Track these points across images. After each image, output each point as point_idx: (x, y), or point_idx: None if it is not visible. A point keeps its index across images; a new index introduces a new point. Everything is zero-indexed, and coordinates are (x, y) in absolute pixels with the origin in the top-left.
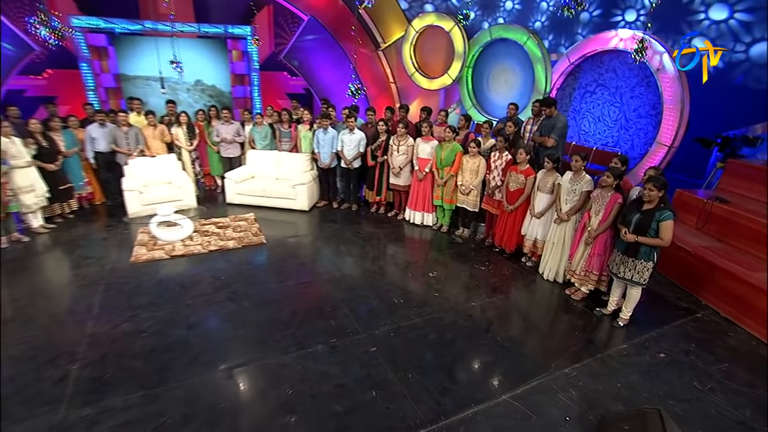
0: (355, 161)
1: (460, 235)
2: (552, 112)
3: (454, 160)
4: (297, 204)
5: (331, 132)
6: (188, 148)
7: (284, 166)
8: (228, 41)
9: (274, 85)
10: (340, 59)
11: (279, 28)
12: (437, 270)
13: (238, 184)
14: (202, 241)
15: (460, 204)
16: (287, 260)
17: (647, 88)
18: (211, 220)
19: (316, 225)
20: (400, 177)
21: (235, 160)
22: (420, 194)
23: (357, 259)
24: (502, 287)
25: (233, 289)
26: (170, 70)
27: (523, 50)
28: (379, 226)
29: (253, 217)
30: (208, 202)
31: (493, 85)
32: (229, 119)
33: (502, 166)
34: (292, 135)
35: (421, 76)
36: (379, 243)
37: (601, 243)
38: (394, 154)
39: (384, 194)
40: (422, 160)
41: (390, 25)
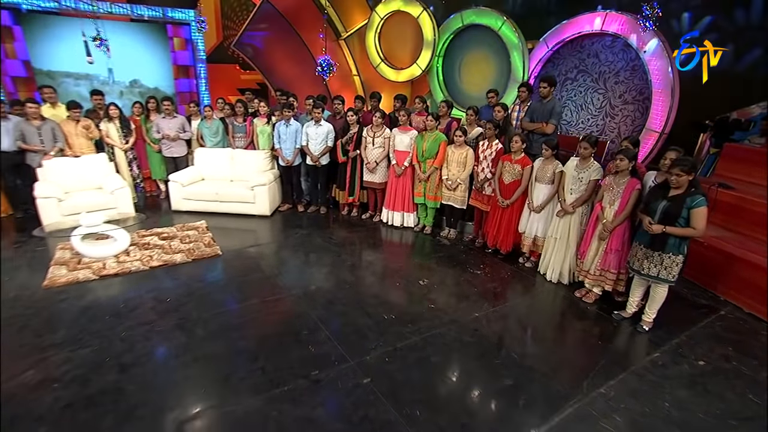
0: (323, 157)
1: (447, 236)
2: (550, 93)
3: (438, 151)
4: (256, 208)
5: (294, 125)
6: (122, 147)
7: (240, 165)
8: (168, 27)
9: (224, 79)
10: (299, 50)
11: (227, 19)
12: (427, 277)
13: (186, 187)
14: (141, 255)
15: (446, 201)
16: (248, 274)
17: (633, 73)
18: (153, 230)
19: (279, 232)
20: (376, 173)
21: (181, 160)
22: (399, 192)
23: (332, 269)
24: (503, 293)
25: (182, 314)
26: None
27: (497, 36)
28: (353, 230)
29: (205, 226)
30: (150, 210)
31: (465, 75)
32: (171, 112)
33: (492, 156)
34: (247, 130)
35: (388, 67)
36: (355, 249)
37: (618, 237)
38: (368, 148)
39: (357, 194)
40: (400, 153)
41: (352, 12)
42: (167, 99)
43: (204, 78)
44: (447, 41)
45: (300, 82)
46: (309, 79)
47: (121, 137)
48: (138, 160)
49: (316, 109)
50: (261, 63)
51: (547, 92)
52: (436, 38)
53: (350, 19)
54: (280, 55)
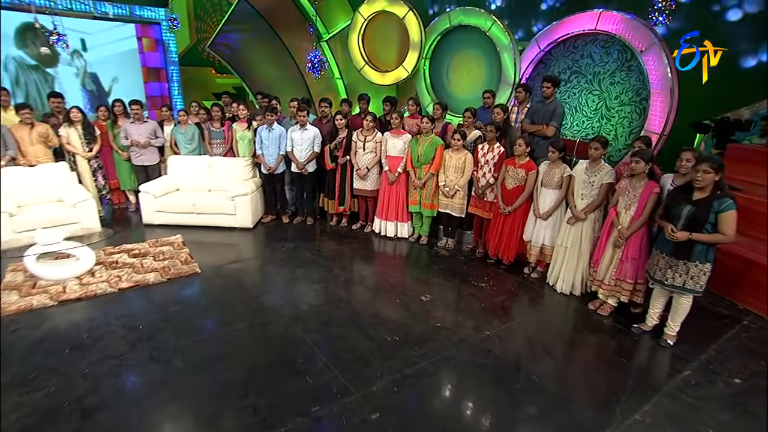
0: (310, 164)
1: (444, 246)
2: (553, 94)
3: (434, 156)
4: (237, 220)
5: (277, 129)
6: (86, 155)
7: (218, 173)
8: (136, 26)
9: (198, 83)
10: (279, 52)
11: (200, 20)
12: (429, 292)
13: (159, 199)
14: (108, 276)
15: (443, 209)
16: (232, 294)
17: (629, 73)
18: (122, 247)
19: (264, 245)
20: (367, 180)
21: (153, 168)
22: (392, 200)
23: (324, 286)
24: (512, 308)
25: (157, 343)
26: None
27: (487, 37)
28: (343, 243)
29: (181, 240)
30: (118, 224)
31: (453, 77)
32: (141, 116)
33: (494, 160)
34: (225, 135)
35: (372, 69)
36: (347, 263)
37: (635, 244)
38: (358, 153)
39: (348, 203)
40: (393, 158)
41: (333, 12)
42: (135, 102)
43: (177, 81)
44: (434, 42)
45: (281, 85)
46: (290, 82)
47: (84, 144)
48: (104, 170)
49: (300, 112)
50: (238, 65)
51: (550, 93)
52: (422, 39)
53: (332, 21)
54: (259, 57)
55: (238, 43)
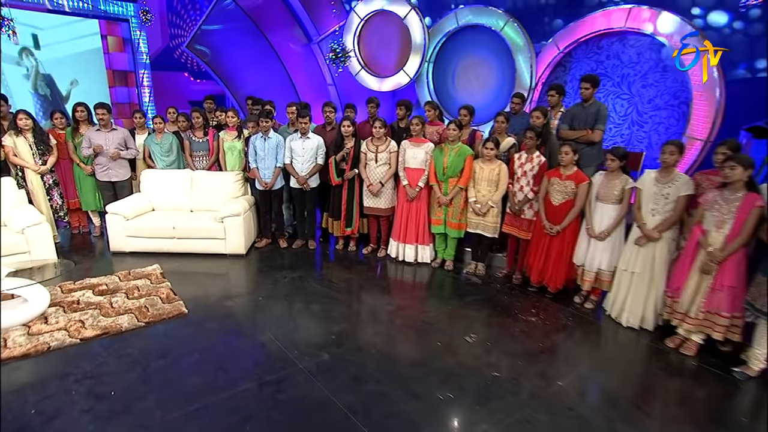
0: (312, 179)
1: (474, 272)
2: (592, 95)
3: (463, 167)
4: (228, 246)
5: (274, 138)
6: (38, 170)
7: (203, 190)
8: (101, 23)
9: (171, 89)
10: (265, 54)
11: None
12: (472, 330)
13: (130, 221)
14: (67, 321)
15: (473, 229)
16: (231, 341)
17: (664, 74)
18: (85, 281)
19: (262, 276)
20: (381, 197)
21: (122, 185)
22: (411, 220)
23: (344, 326)
24: (577, 348)
25: (138, 417)
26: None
27: (499, 38)
28: (355, 270)
29: (159, 272)
30: (79, 253)
31: (461, 82)
32: (108, 122)
33: (533, 171)
34: (209, 146)
35: (369, 74)
36: (366, 295)
37: (731, 270)
38: (369, 166)
39: (356, 224)
40: (413, 171)
41: (325, 12)
42: (102, 105)
43: (148, 86)
44: (439, 44)
45: (267, 91)
46: (277, 88)
47: (36, 156)
48: (61, 186)
49: (302, 118)
50: (219, 68)
51: (589, 94)
52: (426, 41)
53: (324, 21)
54: (243, 60)
55: (219, 44)
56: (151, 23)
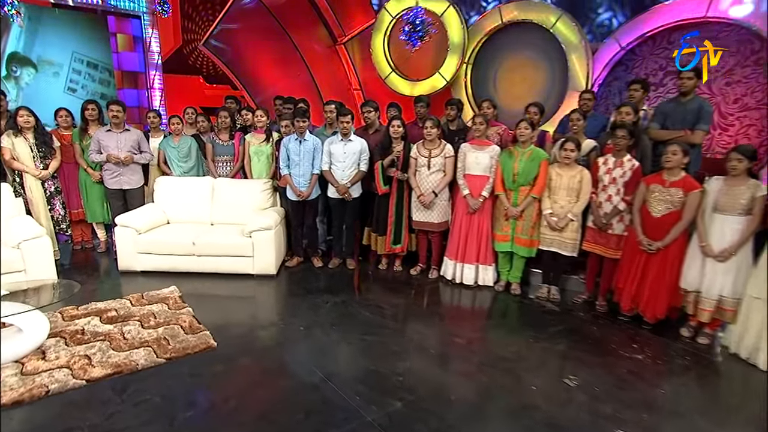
0: (354, 187)
1: (548, 297)
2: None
3: (537, 174)
4: (256, 265)
5: (310, 141)
6: (38, 175)
7: (226, 201)
8: (110, 20)
9: (183, 93)
10: (288, 55)
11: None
12: (569, 371)
13: (143, 235)
14: (70, 357)
15: (547, 247)
16: (273, 383)
17: (755, 68)
18: (91, 306)
19: (297, 300)
20: (433, 210)
21: (134, 194)
22: (471, 235)
23: (410, 365)
24: (712, 400)
25: None
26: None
27: (549, 36)
28: (404, 294)
29: (178, 295)
30: (82, 272)
31: (503, 85)
32: (121, 122)
33: (625, 177)
34: (235, 150)
35: (400, 78)
36: (424, 325)
37: None
38: (421, 173)
39: (405, 240)
40: (475, 178)
41: (352, 10)
42: (116, 102)
43: (160, 89)
44: (480, 44)
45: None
46: (300, 91)
47: (38, 159)
48: (65, 195)
49: (343, 117)
50: (237, 68)
51: (692, 86)
52: (465, 41)
53: (351, 20)
54: (264, 60)
55: (238, 43)
56: (167, 14)
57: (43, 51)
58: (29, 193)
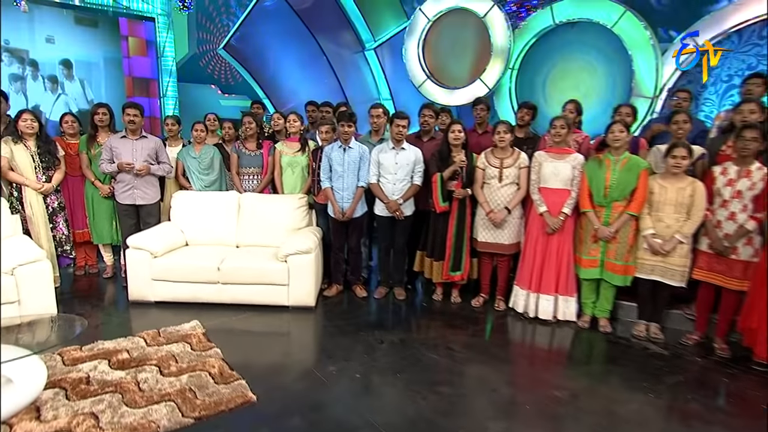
0: (406, 204)
1: (648, 336)
2: None
3: (636, 187)
4: (291, 295)
5: (357, 149)
6: (40, 188)
7: (255, 219)
8: (122, 22)
9: (196, 103)
10: (315, 60)
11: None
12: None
13: (158, 259)
14: (72, 417)
15: (647, 274)
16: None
17: None
18: (97, 347)
19: (344, 338)
20: (505, 229)
21: (149, 211)
22: (549, 260)
23: (506, 425)
24: None
25: None
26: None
27: (610, 36)
28: (473, 331)
29: (201, 332)
30: (86, 303)
31: (553, 93)
32: (138, 128)
33: (754, 191)
34: (264, 161)
35: (436, 85)
36: (509, 371)
37: None
38: (490, 186)
39: (466, 266)
40: (553, 192)
41: (382, 13)
42: (132, 106)
43: (174, 97)
44: (526, 48)
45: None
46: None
47: (40, 170)
48: (68, 212)
49: (399, 120)
50: (259, 73)
51: None
52: (510, 44)
53: (381, 23)
54: (288, 66)
55: (261, 47)
56: (189, 11)
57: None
58: (28, 210)
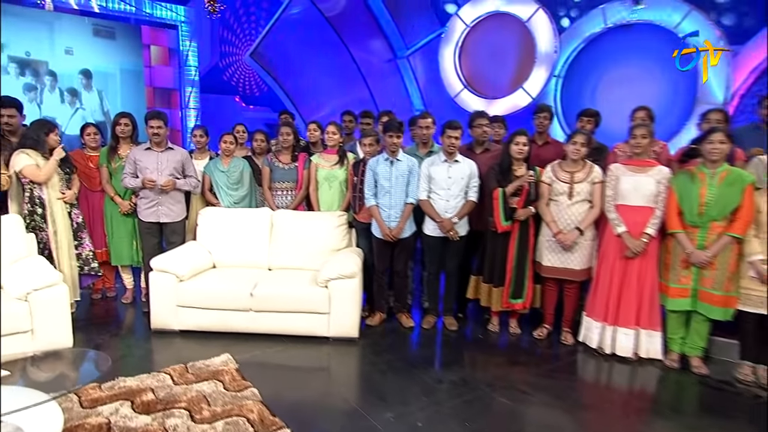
0: (461, 223)
1: (756, 381)
2: None
3: (740, 204)
4: (332, 325)
5: (405, 162)
6: (65, 196)
7: (289, 239)
8: (143, 30)
9: (218, 115)
10: (345, 68)
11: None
12: None
13: (185, 283)
14: None
15: (755, 307)
16: None
17: None
18: (119, 384)
19: (396, 377)
20: (575, 252)
21: (174, 229)
22: (628, 288)
23: None
24: None
25: None
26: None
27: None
28: (543, 370)
29: (234, 367)
30: (104, 331)
31: (605, 100)
32: (163, 139)
33: None
34: (299, 175)
35: (473, 94)
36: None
37: None
38: (559, 203)
39: (529, 293)
40: (634, 210)
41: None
42: (157, 116)
43: (195, 109)
44: (573, 54)
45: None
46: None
47: (63, 184)
48: (87, 230)
49: (451, 131)
50: (287, 83)
51: None
52: (557, 50)
53: (413, 30)
54: (318, 74)
55: (289, 53)
56: (219, 15)
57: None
58: (51, 227)
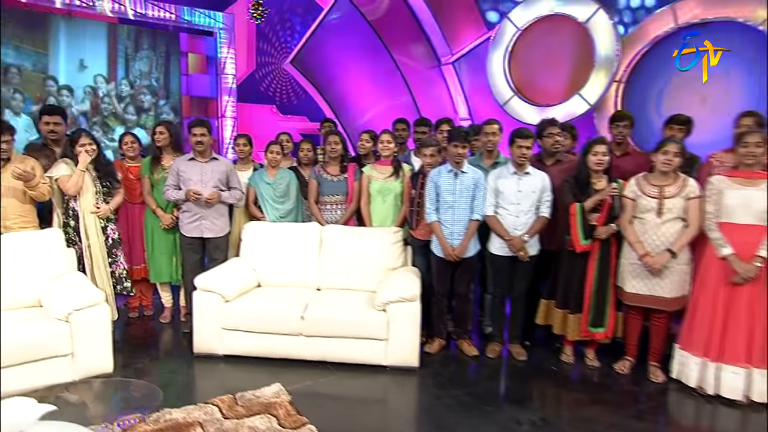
0: (532, 241)
1: None
2: None
3: None
4: (390, 352)
5: (471, 174)
6: (101, 211)
7: (341, 256)
8: (182, 37)
9: (253, 125)
10: (388, 74)
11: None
12: None
13: (231, 303)
14: None
15: None
16: None
17: None
18: (164, 417)
19: (468, 415)
20: (665, 278)
21: (217, 245)
22: (733, 320)
23: None
24: None
25: None
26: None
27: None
28: (631, 410)
29: (287, 399)
30: (143, 354)
31: (671, 106)
32: (207, 149)
33: None
34: (349, 187)
35: (524, 102)
36: None
37: None
38: (645, 221)
39: (611, 322)
40: (740, 229)
41: (461, 23)
42: (202, 124)
43: (232, 118)
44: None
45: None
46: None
47: (100, 198)
48: (124, 246)
49: (522, 140)
50: (328, 88)
51: None
52: (618, 53)
53: (459, 36)
54: (359, 81)
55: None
56: (263, 20)
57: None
58: (85, 242)
